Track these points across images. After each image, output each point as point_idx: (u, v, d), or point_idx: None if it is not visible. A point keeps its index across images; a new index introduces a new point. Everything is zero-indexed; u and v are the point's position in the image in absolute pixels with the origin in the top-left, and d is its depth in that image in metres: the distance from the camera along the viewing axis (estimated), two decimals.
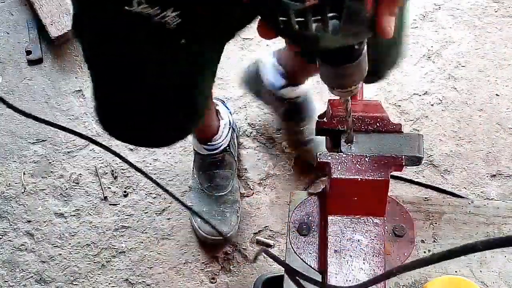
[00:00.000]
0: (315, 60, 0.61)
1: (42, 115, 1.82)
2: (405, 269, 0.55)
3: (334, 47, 0.56)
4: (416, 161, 0.77)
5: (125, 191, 1.71)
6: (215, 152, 1.57)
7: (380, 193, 0.75)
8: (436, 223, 0.87)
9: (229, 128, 1.60)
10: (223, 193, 1.61)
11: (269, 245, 1.64)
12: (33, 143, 1.79)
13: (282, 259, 0.73)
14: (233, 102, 1.79)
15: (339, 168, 0.74)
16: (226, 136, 1.58)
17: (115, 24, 0.81)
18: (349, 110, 0.71)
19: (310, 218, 0.81)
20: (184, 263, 1.64)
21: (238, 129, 1.74)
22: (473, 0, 1.93)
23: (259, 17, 0.57)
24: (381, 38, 0.57)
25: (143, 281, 1.62)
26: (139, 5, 0.74)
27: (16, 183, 1.74)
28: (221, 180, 1.61)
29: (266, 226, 1.66)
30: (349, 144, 0.77)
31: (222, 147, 1.58)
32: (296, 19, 0.52)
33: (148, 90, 0.94)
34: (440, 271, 0.83)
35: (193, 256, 1.64)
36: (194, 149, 1.62)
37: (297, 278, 0.70)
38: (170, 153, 1.75)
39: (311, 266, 0.78)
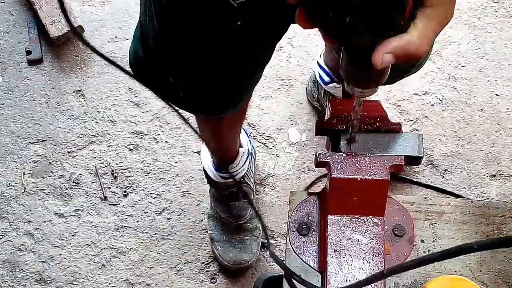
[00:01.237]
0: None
1: (42, 115, 1.82)
2: (398, 270, 0.55)
3: (362, 46, 0.55)
4: (416, 160, 0.77)
5: (125, 191, 1.71)
6: (230, 181, 1.52)
7: (380, 193, 0.75)
8: (436, 223, 0.87)
9: (247, 157, 1.54)
10: (242, 222, 1.58)
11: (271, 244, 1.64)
12: (33, 143, 1.79)
13: (283, 259, 0.73)
14: None
15: (339, 168, 0.74)
16: (243, 165, 1.52)
17: None
18: (358, 111, 0.71)
19: (310, 218, 0.81)
20: (184, 263, 1.64)
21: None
22: (473, 0, 1.93)
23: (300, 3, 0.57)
24: None
25: (143, 281, 1.62)
26: None
27: (16, 183, 1.74)
28: (238, 211, 1.57)
29: (266, 226, 1.66)
30: (349, 144, 0.77)
31: (237, 176, 1.53)
32: (334, 7, 0.52)
33: (198, 48, 0.92)
34: (440, 271, 0.83)
35: (193, 256, 1.64)
36: (208, 177, 1.54)
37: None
38: (170, 153, 1.75)
39: (311, 266, 0.78)
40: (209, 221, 1.63)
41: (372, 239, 0.75)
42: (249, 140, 1.62)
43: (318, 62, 1.67)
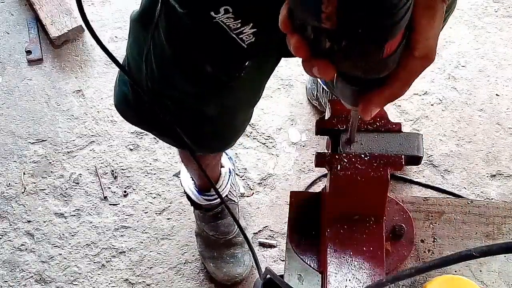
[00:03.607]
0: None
1: (42, 115, 1.82)
2: (397, 279, 0.55)
3: (346, 71, 0.55)
4: (415, 160, 0.77)
5: (125, 191, 1.71)
6: (214, 202, 1.49)
7: (379, 193, 0.75)
8: (436, 223, 0.87)
9: (229, 176, 1.52)
10: (230, 237, 1.58)
11: (272, 246, 1.63)
12: (33, 143, 1.79)
13: (282, 259, 0.73)
14: None
15: (339, 168, 0.74)
16: (226, 185, 1.50)
17: (192, 24, 0.79)
18: (354, 123, 0.71)
19: (310, 218, 0.81)
20: (184, 263, 1.64)
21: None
22: (473, 0, 1.93)
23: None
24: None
25: (143, 281, 1.62)
26: (225, 13, 0.73)
27: (16, 183, 1.74)
28: (225, 228, 1.56)
29: (266, 226, 1.66)
30: (349, 144, 0.77)
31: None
32: (313, 34, 0.51)
33: (187, 90, 0.92)
34: (440, 271, 0.83)
35: (193, 256, 1.64)
36: (191, 200, 1.52)
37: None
38: (170, 153, 1.75)
39: (310, 266, 0.78)
40: (198, 239, 1.62)
41: (372, 239, 0.75)
42: (229, 158, 1.60)
43: None
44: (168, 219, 1.68)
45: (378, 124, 0.79)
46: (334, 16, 0.46)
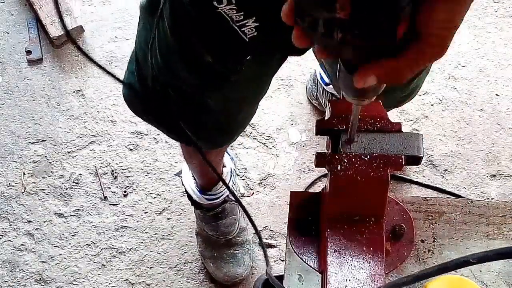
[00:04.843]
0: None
1: (42, 115, 1.82)
2: (395, 286, 0.55)
3: (355, 62, 0.55)
4: (416, 160, 0.77)
5: (125, 191, 1.71)
6: (215, 202, 1.50)
7: (379, 193, 0.75)
8: (435, 223, 0.87)
9: (231, 175, 1.53)
10: (231, 237, 1.58)
11: (272, 246, 1.63)
12: (33, 143, 1.79)
13: (282, 259, 0.73)
14: None
15: (338, 168, 0.73)
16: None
17: (194, 13, 0.79)
18: (356, 117, 0.71)
19: (310, 218, 0.81)
20: (184, 263, 1.64)
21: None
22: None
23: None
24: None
25: (143, 281, 1.62)
26: (228, 4, 0.73)
27: (16, 183, 1.74)
28: (226, 228, 1.56)
29: (266, 226, 1.66)
30: (349, 144, 0.77)
31: (222, 196, 1.51)
32: (324, 24, 0.51)
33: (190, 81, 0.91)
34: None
35: (193, 256, 1.64)
36: (192, 200, 1.52)
37: None
38: (170, 153, 1.75)
39: (311, 266, 0.78)
40: (198, 238, 1.62)
41: (372, 239, 0.75)
42: (231, 158, 1.61)
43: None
44: (168, 219, 1.68)
45: (378, 124, 0.79)
46: (348, 5, 0.46)
